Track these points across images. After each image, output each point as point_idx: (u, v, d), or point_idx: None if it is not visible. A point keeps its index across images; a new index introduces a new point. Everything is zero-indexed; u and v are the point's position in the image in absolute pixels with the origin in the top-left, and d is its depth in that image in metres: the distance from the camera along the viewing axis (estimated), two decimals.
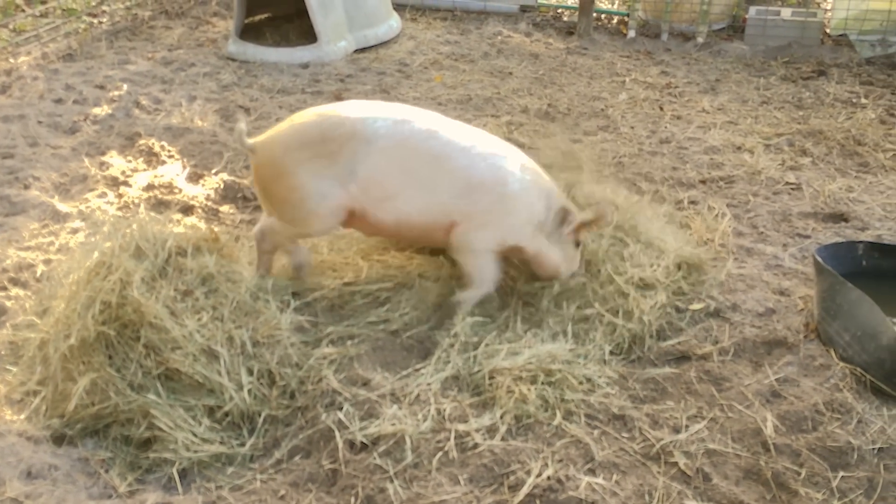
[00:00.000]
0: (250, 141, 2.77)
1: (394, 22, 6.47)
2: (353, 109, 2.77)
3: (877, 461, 2.27)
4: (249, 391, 2.42)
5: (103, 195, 3.76)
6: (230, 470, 2.29)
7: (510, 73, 5.70)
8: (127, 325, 2.45)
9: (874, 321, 2.52)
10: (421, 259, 3.11)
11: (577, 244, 2.94)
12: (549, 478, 2.16)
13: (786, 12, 6.44)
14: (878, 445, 2.30)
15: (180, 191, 3.81)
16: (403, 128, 2.72)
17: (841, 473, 2.23)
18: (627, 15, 6.82)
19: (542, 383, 2.49)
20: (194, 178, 3.97)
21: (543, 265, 2.90)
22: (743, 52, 6.25)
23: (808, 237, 3.49)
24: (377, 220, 2.78)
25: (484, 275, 2.84)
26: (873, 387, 2.51)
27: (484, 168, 2.75)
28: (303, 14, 5.92)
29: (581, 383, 2.53)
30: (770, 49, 6.23)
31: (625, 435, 2.39)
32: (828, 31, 6.48)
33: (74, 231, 3.41)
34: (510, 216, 2.78)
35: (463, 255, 2.82)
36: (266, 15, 6.55)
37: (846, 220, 3.64)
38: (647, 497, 2.16)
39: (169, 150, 4.23)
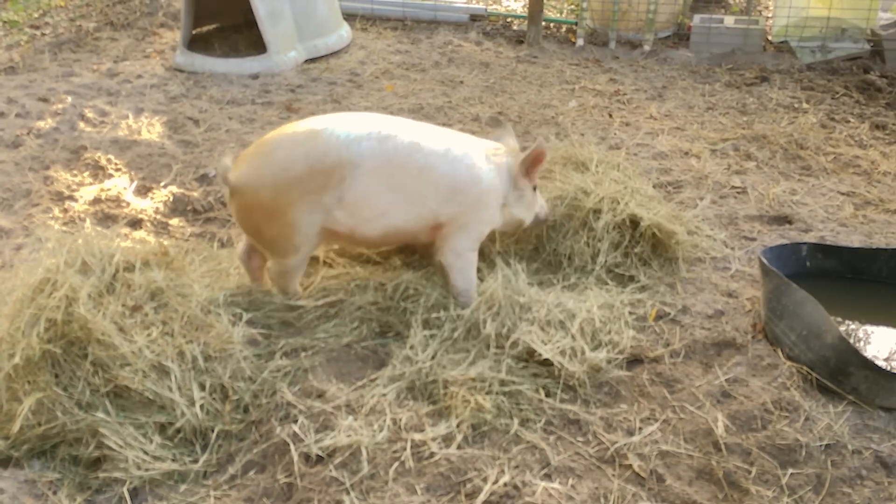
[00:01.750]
0: (232, 179, 2.67)
1: (344, 32, 6.46)
2: (333, 131, 2.65)
3: (824, 458, 2.32)
4: (202, 406, 2.39)
5: (48, 210, 3.68)
6: (183, 487, 2.25)
7: (461, 82, 5.73)
8: (73, 343, 2.40)
9: (818, 320, 2.58)
10: (356, 270, 3.10)
11: (534, 188, 3.02)
12: (505, 484, 2.16)
13: (729, 20, 6.59)
14: (825, 442, 2.36)
15: (128, 204, 3.74)
16: (387, 145, 2.69)
17: (790, 471, 2.28)
18: (576, 23, 6.91)
19: (497, 393, 2.50)
20: (142, 191, 3.91)
21: (511, 226, 3.06)
22: (688, 59, 6.37)
23: (753, 239, 3.57)
24: (363, 237, 2.80)
25: (467, 275, 2.88)
26: (819, 384, 2.58)
27: (463, 171, 2.79)
28: (251, 24, 5.87)
29: (536, 391, 2.55)
30: (714, 56, 6.36)
31: (580, 439, 2.41)
32: (769, 38, 6.65)
33: (18, 248, 3.33)
34: (487, 209, 2.86)
35: (446, 257, 2.86)
36: (214, 25, 6.49)
37: (790, 223, 3.73)
38: (602, 500, 2.18)
39: (116, 164, 4.16)
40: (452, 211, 2.80)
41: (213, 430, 2.38)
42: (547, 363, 2.62)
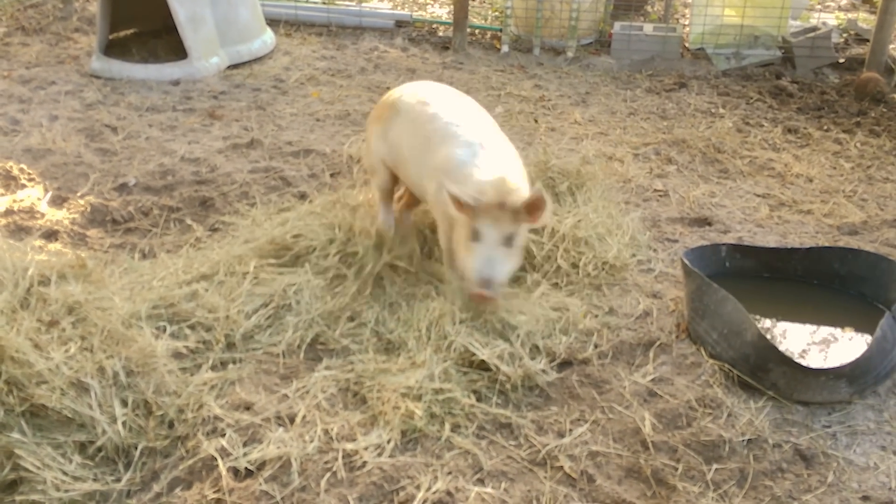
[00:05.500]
0: None
1: (267, 37, 6.36)
2: (410, 88, 3.31)
3: (747, 452, 2.39)
4: (124, 423, 2.31)
5: None
6: None
7: (387, 88, 5.69)
8: None
9: (738, 319, 2.66)
10: (289, 278, 3.04)
11: None
12: (438, 491, 2.16)
13: (648, 27, 6.76)
14: (747, 437, 2.43)
15: (42, 216, 3.60)
16: (418, 107, 3.13)
17: (715, 466, 2.34)
18: (500, 30, 6.98)
19: (430, 401, 2.49)
20: (58, 201, 3.77)
21: None
22: (610, 65, 6.51)
23: (675, 241, 3.65)
24: (402, 178, 3.28)
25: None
26: (740, 381, 2.65)
27: (448, 155, 2.91)
28: (171, 30, 5.73)
29: (468, 396, 2.55)
30: (635, 62, 6.51)
31: (512, 443, 2.42)
32: (687, 45, 6.84)
33: None
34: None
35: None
36: (132, 30, 6.32)
37: (710, 224, 3.84)
38: (535, 503, 2.19)
39: (29, 173, 4.00)
40: (427, 189, 3.11)
41: (136, 448, 2.30)
42: (485, 368, 2.63)
